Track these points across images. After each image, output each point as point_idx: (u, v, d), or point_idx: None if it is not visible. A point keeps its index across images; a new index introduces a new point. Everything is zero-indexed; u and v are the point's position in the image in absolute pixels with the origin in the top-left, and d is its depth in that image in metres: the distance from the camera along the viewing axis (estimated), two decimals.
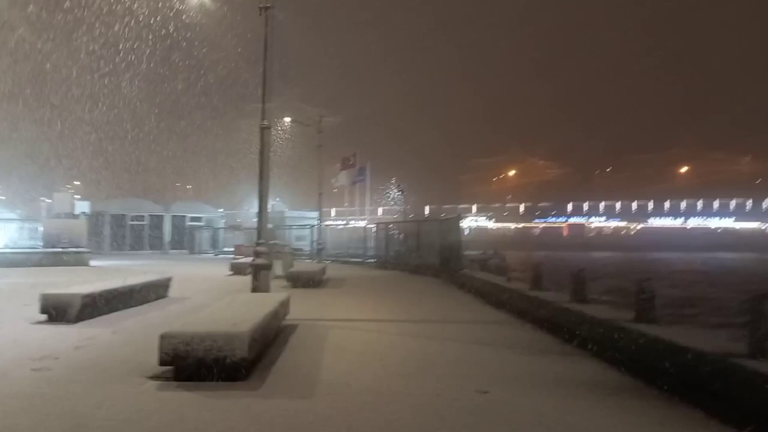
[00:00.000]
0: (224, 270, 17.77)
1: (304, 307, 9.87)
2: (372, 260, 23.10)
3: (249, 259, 20.27)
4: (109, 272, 16.51)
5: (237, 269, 16.94)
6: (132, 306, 9.42)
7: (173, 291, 11.75)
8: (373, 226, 23.98)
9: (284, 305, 7.42)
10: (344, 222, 28.01)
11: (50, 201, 21.06)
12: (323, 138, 20.21)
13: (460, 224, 14.47)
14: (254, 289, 8.22)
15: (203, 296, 11.30)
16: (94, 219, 29.27)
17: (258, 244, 8.36)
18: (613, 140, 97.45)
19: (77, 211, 22.48)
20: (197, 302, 10.14)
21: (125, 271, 17.59)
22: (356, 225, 25.66)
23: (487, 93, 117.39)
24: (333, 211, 60.89)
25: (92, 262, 20.66)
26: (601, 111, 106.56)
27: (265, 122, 8.29)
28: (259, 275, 8.19)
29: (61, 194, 23.47)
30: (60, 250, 18.65)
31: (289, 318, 8.12)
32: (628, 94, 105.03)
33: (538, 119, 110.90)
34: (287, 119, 19.58)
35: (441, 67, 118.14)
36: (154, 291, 10.48)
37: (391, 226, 22.06)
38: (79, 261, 18.94)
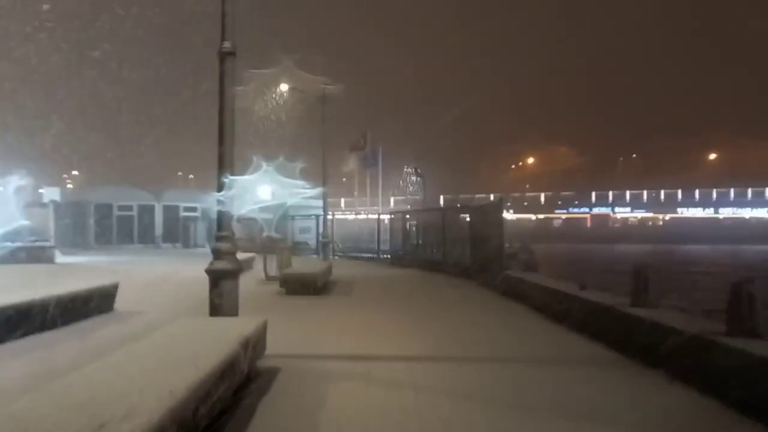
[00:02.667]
0: None
1: (296, 330, 6.88)
2: (386, 256, 20.07)
3: (241, 256, 17.35)
4: (67, 273, 13.64)
5: None
6: (47, 329, 6.49)
7: (129, 300, 8.87)
8: (387, 216, 20.89)
9: (253, 343, 4.41)
10: (354, 213, 24.93)
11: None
12: (328, 113, 17.14)
13: (502, 213, 11.37)
14: (213, 310, 5.20)
15: (164, 310, 8.34)
16: (76, 209, 26.39)
17: (219, 239, 5.33)
18: (639, 125, 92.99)
19: (45, 200, 19.50)
20: (148, 321, 7.20)
21: (89, 270, 14.74)
22: (368, 215, 22.54)
23: (505, 75, 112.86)
24: (342, 202, 57.89)
25: (62, 259, 17.81)
26: (626, 95, 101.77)
27: (227, 44, 5.19)
28: (220, 288, 5.17)
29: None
30: (20, 245, 15.77)
31: (270, 353, 5.15)
32: (655, 76, 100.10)
33: (559, 103, 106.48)
34: (284, 87, 16.55)
35: (457, 47, 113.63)
36: (91, 304, 7.51)
37: (409, 216, 18.97)
38: (43, 258, 16.09)
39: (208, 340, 4.02)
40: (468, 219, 13.98)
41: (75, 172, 59.90)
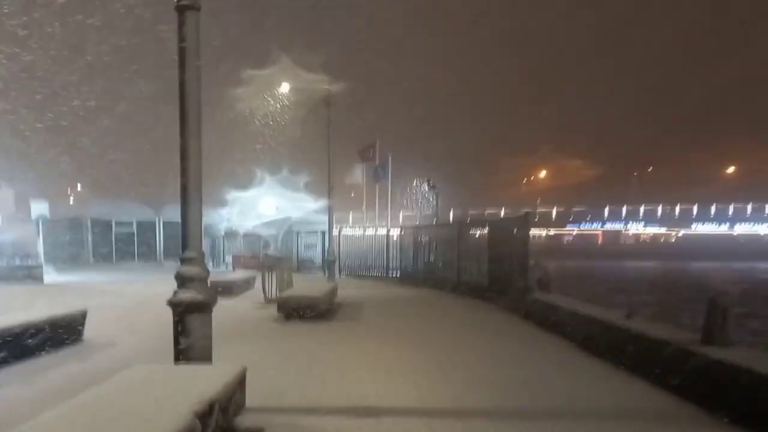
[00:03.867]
0: None
1: (290, 369, 5.71)
2: (396, 274, 18.86)
3: (237, 275, 16.19)
4: (49, 295, 12.57)
5: (219, 289, 12.84)
6: None
7: (106, 328, 7.86)
8: (397, 231, 19.71)
9: (222, 405, 3.25)
10: (362, 228, 23.71)
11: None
12: (333, 118, 15.89)
13: (529, 229, 10.16)
14: (179, 355, 4.04)
15: (140, 341, 7.24)
16: (72, 225, 25.40)
17: (184, 261, 4.19)
18: (654, 138, 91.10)
19: (34, 215, 18.37)
20: (114, 358, 6.09)
21: (74, 292, 13.65)
22: (376, 231, 21.36)
23: (517, 86, 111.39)
24: (350, 216, 56.74)
25: (52, 278, 16.79)
26: (642, 106, 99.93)
27: None
28: (186, 326, 4.01)
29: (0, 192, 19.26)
30: (3, 265, 14.73)
31: (253, 405, 4.02)
32: (671, 86, 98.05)
33: (572, 115, 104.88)
34: (285, 86, 15.37)
35: (468, 56, 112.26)
36: (51, 335, 6.38)
37: (421, 231, 17.80)
38: (30, 277, 15.04)
39: (156, 405, 2.88)
40: (487, 235, 12.79)
41: (79, 187, 59.18)
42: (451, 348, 6.91)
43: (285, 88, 15.67)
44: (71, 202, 42.52)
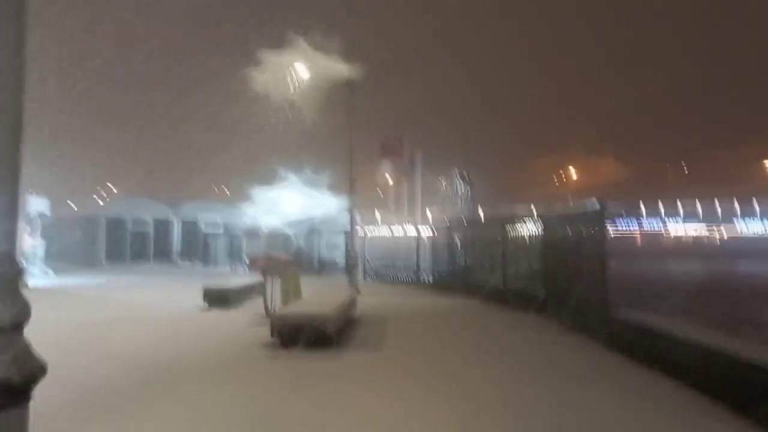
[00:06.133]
0: None
1: None
2: (427, 278, 16.52)
3: (241, 279, 14.04)
4: None
5: (214, 299, 10.67)
6: None
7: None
8: (427, 231, 17.36)
9: None
10: (388, 226, 21.49)
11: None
12: (360, 111, 13.61)
13: (605, 226, 7.67)
14: None
15: (69, 393, 5.03)
16: (85, 224, 23.78)
17: None
18: (686, 134, 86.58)
19: (32, 212, 16.56)
20: None
21: (43, 301, 11.70)
22: (406, 231, 19.07)
23: (548, 82, 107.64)
24: (378, 216, 54.50)
25: (43, 282, 15.02)
26: (673, 102, 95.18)
27: None
28: None
29: None
30: None
31: None
32: (702, 78, 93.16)
33: (604, 113, 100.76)
34: (302, 70, 13.25)
35: (502, 52, 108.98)
36: None
37: (456, 230, 15.40)
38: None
39: None
40: (542, 234, 10.33)
41: (114, 190, 58.38)
42: (521, 407, 4.51)
43: (305, 73, 13.65)
44: (101, 203, 41.28)
